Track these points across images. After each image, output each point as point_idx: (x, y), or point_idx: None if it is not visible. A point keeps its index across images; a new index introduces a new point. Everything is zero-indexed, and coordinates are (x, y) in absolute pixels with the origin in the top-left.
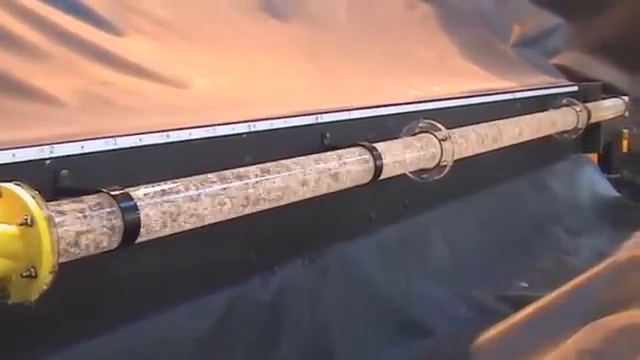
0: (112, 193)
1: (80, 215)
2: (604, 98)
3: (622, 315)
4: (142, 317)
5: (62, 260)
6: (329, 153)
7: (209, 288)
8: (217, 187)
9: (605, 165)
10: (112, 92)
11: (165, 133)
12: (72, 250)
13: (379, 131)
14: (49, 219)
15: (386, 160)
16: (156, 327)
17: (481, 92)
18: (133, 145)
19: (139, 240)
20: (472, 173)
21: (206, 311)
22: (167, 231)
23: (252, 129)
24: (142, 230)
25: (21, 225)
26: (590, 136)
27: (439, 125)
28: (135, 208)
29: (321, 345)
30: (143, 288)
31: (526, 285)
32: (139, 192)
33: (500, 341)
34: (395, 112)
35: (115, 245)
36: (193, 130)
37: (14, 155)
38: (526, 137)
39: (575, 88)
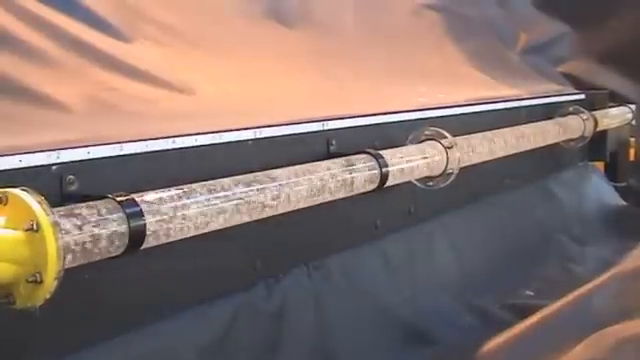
0: (118, 199)
1: (86, 221)
2: (611, 106)
3: (628, 325)
4: (145, 324)
5: (67, 266)
6: (335, 160)
7: (213, 296)
8: (223, 194)
9: (611, 173)
10: (118, 98)
11: (171, 139)
12: (78, 256)
13: (385, 138)
14: (55, 225)
15: (392, 167)
16: (159, 335)
17: (487, 100)
18: (139, 151)
19: (144, 246)
20: (478, 181)
21: (210, 319)
22: (172, 238)
23: (258, 136)
24: (148, 236)
25: (27, 231)
26: (597, 144)
27: (445, 133)
28: (141, 214)
29: (325, 354)
30: (146, 295)
31: (531, 294)
32: (145, 198)
33: (505, 350)
34: (401, 119)
35: (120, 251)
36: (199, 136)
37: (20, 161)
38: (532, 145)
39: (582, 96)
